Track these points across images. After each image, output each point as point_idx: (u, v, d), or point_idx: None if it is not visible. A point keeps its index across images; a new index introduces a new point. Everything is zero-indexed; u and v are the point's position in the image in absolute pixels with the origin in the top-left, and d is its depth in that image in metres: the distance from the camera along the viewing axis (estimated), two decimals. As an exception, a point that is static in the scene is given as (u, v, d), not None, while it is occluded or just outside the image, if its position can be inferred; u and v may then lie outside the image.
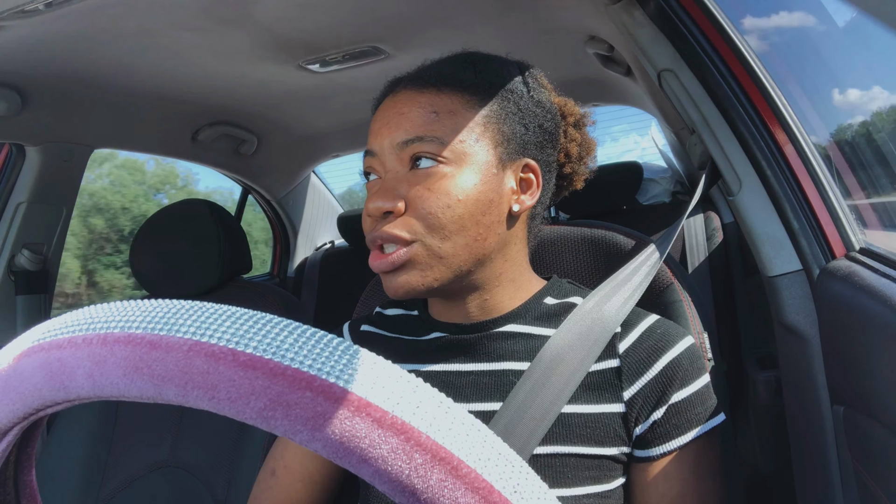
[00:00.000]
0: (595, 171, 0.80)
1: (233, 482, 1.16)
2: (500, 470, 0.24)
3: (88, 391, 0.25)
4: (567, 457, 0.63)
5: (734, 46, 0.81)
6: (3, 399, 0.26)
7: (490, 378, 0.67)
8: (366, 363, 0.25)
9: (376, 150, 0.65)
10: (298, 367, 0.24)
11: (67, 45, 1.07)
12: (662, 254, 0.78)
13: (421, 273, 0.62)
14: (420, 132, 0.62)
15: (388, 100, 0.67)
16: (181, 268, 1.26)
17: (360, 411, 0.23)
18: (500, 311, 0.69)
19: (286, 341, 0.24)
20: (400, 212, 0.62)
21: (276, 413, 0.23)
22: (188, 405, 0.24)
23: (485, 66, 0.68)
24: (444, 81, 0.65)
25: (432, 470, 0.23)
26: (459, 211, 0.61)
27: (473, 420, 0.25)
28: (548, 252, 0.91)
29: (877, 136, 1.00)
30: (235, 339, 0.24)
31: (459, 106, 0.64)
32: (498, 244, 0.66)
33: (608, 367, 0.66)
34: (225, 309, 0.26)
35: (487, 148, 0.64)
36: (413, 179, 0.62)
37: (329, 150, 2.16)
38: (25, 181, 1.37)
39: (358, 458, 0.23)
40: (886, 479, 0.60)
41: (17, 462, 0.31)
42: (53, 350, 0.26)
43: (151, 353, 0.24)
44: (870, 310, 0.62)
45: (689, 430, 0.63)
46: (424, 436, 0.23)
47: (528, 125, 0.67)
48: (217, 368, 0.24)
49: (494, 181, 0.64)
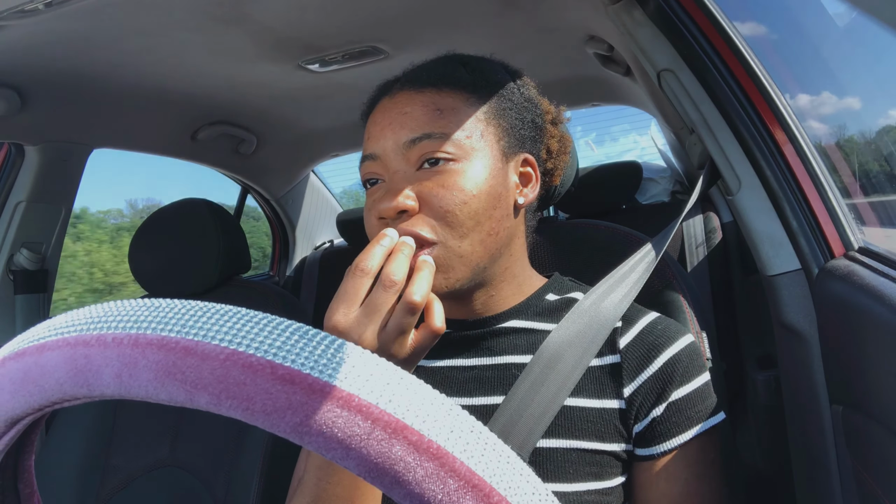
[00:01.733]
0: (593, 169, 0.80)
1: (232, 482, 1.16)
2: (529, 498, 0.24)
3: (114, 391, 0.25)
4: (568, 451, 0.63)
5: (734, 46, 0.81)
6: (22, 390, 0.26)
7: (492, 372, 0.67)
8: (403, 384, 0.24)
9: (378, 152, 0.65)
10: (337, 385, 0.24)
11: (67, 44, 1.07)
12: (660, 251, 0.79)
13: (444, 275, 0.62)
14: (426, 129, 0.62)
15: (384, 102, 0.67)
16: (180, 267, 1.26)
17: (396, 434, 0.23)
18: (503, 307, 0.70)
19: (324, 356, 0.24)
20: (415, 210, 0.61)
21: (312, 429, 0.23)
22: (220, 413, 0.24)
23: (476, 65, 0.69)
24: (442, 80, 0.65)
25: (465, 496, 0.23)
26: (475, 206, 0.61)
27: (504, 447, 0.25)
28: (548, 251, 0.91)
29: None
30: (273, 351, 0.24)
31: (460, 103, 0.64)
32: (507, 238, 0.67)
33: (609, 362, 0.66)
34: (262, 317, 0.26)
35: (491, 142, 0.65)
36: (423, 178, 0.62)
37: (328, 149, 2.16)
38: (24, 180, 1.37)
39: (391, 479, 0.23)
40: (885, 478, 0.60)
41: (19, 447, 0.31)
42: (80, 346, 0.25)
43: (186, 360, 0.24)
44: (869, 309, 0.62)
45: (690, 428, 0.64)
46: (459, 462, 0.23)
47: (524, 119, 0.69)
48: (254, 380, 0.23)
49: (501, 175, 0.65)
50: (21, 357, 0.26)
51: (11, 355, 0.27)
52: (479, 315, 0.70)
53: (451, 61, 0.69)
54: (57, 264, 1.49)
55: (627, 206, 1.98)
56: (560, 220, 0.93)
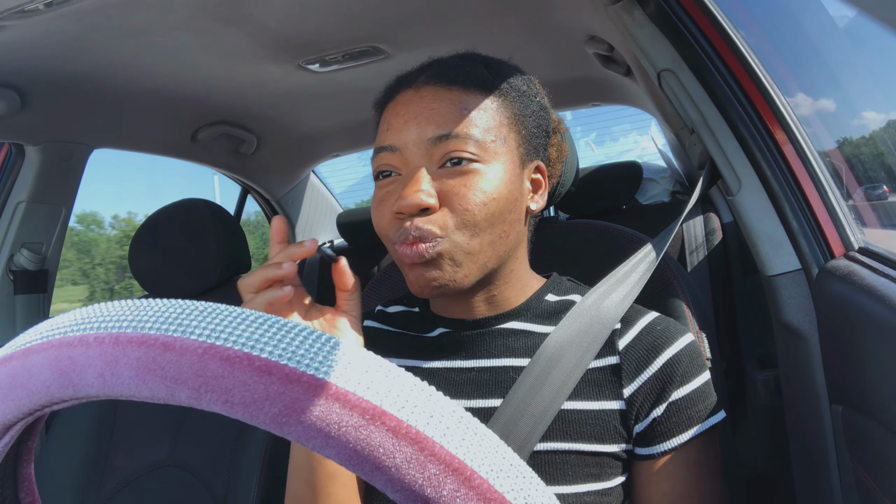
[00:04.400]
0: (593, 169, 0.81)
1: (232, 481, 1.16)
2: (512, 481, 0.24)
3: (98, 390, 0.25)
4: (567, 454, 0.63)
5: (734, 46, 0.81)
6: (10, 395, 0.26)
7: (490, 375, 0.67)
8: (381, 371, 0.25)
9: (398, 145, 0.64)
10: (314, 374, 0.24)
11: (67, 44, 1.07)
12: (660, 251, 0.79)
13: (452, 269, 0.62)
14: (453, 128, 0.62)
15: (407, 94, 0.66)
16: (180, 267, 1.26)
17: (375, 420, 0.23)
18: (504, 307, 0.70)
19: (301, 346, 0.24)
20: (436, 208, 0.61)
21: (291, 419, 0.23)
22: (201, 408, 0.24)
23: (499, 68, 0.69)
24: (470, 80, 0.65)
25: (445, 480, 0.23)
26: (493, 208, 0.62)
27: (486, 430, 0.25)
28: (547, 251, 0.91)
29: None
30: (251, 343, 0.24)
31: (487, 104, 0.65)
32: (515, 242, 0.67)
33: (608, 363, 0.66)
34: (240, 311, 0.26)
35: (512, 147, 0.65)
36: (444, 176, 0.62)
37: (329, 149, 2.16)
38: (25, 180, 1.37)
39: (372, 466, 0.23)
40: (885, 478, 0.60)
41: (16, 455, 0.31)
42: (64, 348, 0.25)
43: (165, 355, 0.24)
44: (869, 309, 0.62)
45: (690, 428, 0.64)
46: (438, 446, 0.23)
47: (539, 127, 0.70)
48: (232, 372, 0.23)
49: (518, 180, 0.65)
50: (7, 362, 0.27)
51: None
52: (479, 315, 0.70)
53: (474, 61, 0.69)
54: (57, 264, 1.49)
55: (627, 206, 1.98)
56: (560, 220, 0.93)
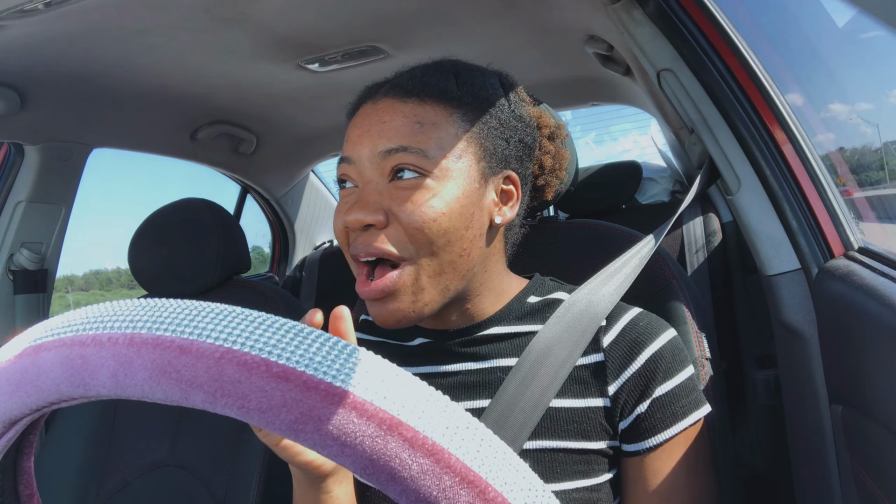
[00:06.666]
0: (593, 169, 0.80)
1: (232, 482, 1.16)
2: (525, 494, 0.24)
3: (110, 390, 0.25)
4: (555, 451, 0.63)
5: (733, 46, 0.81)
6: (18, 390, 0.26)
7: (478, 376, 0.67)
8: (398, 381, 0.24)
9: (354, 158, 0.63)
10: (332, 382, 0.23)
11: (66, 44, 1.07)
12: (653, 247, 0.79)
13: (412, 299, 0.61)
14: (403, 142, 0.60)
15: (366, 107, 0.65)
16: (180, 266, 1.26)
17: (392, 430, 0.23)
18: (482, 316, 0.69)
19: (319, 353, 0.24)
20: (382, 224, 0.60)
21: (307, 426, 0.23)
22: (215, 412, 0.24)
23: (467, 77, 0.66)
24: (427, 91, 0.63)
25: (460, 492, 0.23)
26: (444, 224, 0.60)
27: (500, 443, 0.25)
28: (547, 251, 0.91)
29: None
30: (268, 349, 0.24)
31: (443, 118, 0.62)
32: (480, 258, 0.65)
33: (593, 361, 0.66)
34: (257, 315, 0.26)
35: (470, 163, 0.62)
36: (394, 191, 0.61)
37: (328, 149, 2.16)
38: (24, 180, 1.37)
39: (387, 476, 0.23)
40: (884, 478, 0.60)
41: (17, 448, 0.30)
42: (76, 346, 0.25)
43: (181, 358, 0.24)
44: (868, 309, 0.62)
45: (675, 423, 0.64)
46: (454, 458, 0.23)
47: (510, 139, 0.66)
48: (249, 378, 0.23)
49: (476, 195, 0.63)
50: (18, 358, 0.26)
51: (8, 357, 0.27)
52: (457, 325, 0.69)
53: (443, 70, 0.66)
54: (57, 264, 1.49)
55: (627, 205, 1.98)
56: (560, 220, 0.93)
